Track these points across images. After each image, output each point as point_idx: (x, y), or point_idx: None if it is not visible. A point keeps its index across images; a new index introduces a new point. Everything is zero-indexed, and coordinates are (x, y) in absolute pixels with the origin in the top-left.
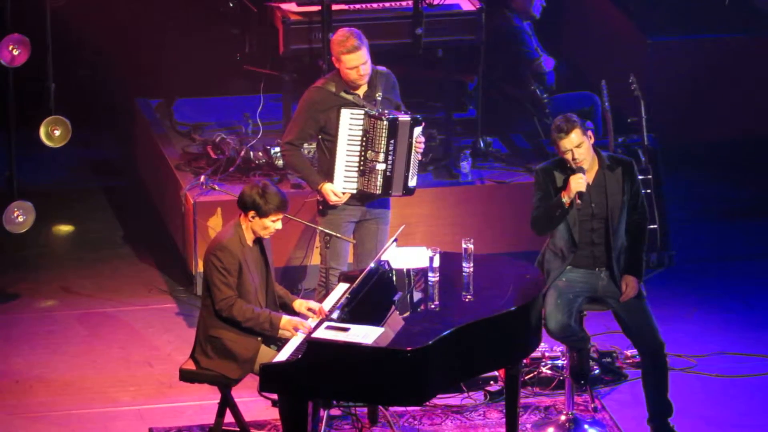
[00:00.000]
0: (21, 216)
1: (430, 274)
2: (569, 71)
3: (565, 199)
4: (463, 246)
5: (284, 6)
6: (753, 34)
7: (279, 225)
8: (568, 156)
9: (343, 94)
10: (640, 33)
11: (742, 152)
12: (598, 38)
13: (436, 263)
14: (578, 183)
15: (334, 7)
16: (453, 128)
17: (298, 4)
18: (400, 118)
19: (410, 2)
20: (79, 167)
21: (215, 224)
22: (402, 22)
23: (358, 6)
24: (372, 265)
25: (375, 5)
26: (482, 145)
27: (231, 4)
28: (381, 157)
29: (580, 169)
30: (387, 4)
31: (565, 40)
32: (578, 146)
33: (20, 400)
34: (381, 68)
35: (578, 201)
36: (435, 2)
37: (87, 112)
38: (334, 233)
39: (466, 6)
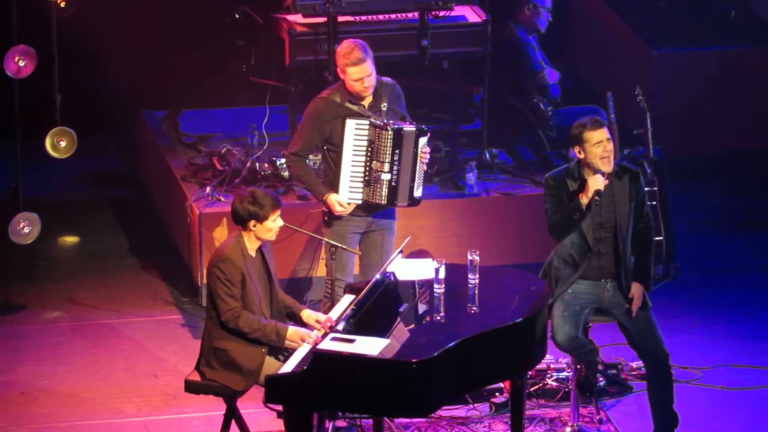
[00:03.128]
0: (27, 227)
1: (435, 286)
2: (575, 83)
3: (583, 200)
4: (469, 258)
5: (290, 17)
6: (759, 46)
7: (280, 222)
8: (599, 148)
9: (348, 104)
10: (646, 45)
11: (747, 164)
12: (604, 50)
13: (442, 275)
14: (596, 182)
15: (340, 18)
16: (459, 140)
17: (305, 16)
18: (405, 129)
19: (416, 14)
20: (84, 178)
21: (221, 235)
22: (408, 33)
23: (364, 18)
24: (377, 276)
25: (381, 17)
26: (488, 156)
27: (237, 16)
28: (386, 167)
29: (598, 172)
30: (393, 16)
31: (571, 53)
32: (608, 140)
33: (26, 411)
34: (386, 79)
35: (596, 198)
36: (441, 14)
37: (92, 123)
38: (340, 245)
39: (472, 18)
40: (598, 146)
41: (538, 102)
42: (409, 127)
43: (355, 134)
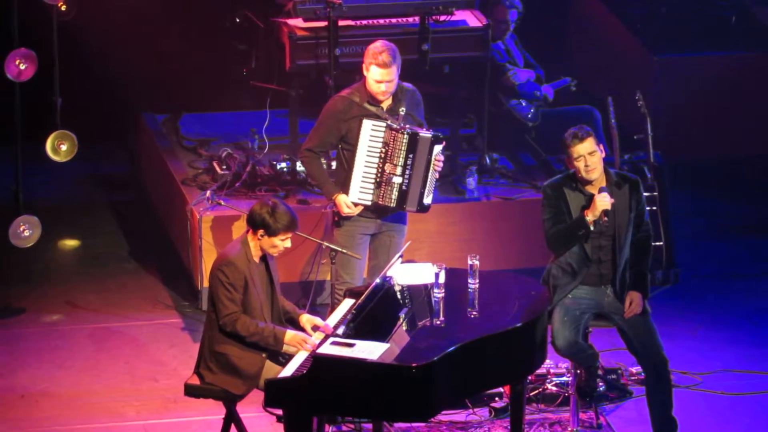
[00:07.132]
0: (27, 230)
1: (435, 290)
2: (575, 88)
3: (590, 218)
4: (469, 262)
5: (291, 22)
6: (759, 51)
7: (288, 243)
8: (580, 163)
9: (366, 105)
10: (647, 50)
11: (747, 169)
12: (605, 55)
13: (442, 279)
14: (603, 202)
15: (341, 22)
16: (459, 144)
17: (305, 20)
18: (420, 134)
19: (417, 18)
20: (85, 182)
21: (221, 239)
22: (409, 38)
23: (364, 22)
24: (377, 280)
25: (382, 21)
26: (488, 161)
27: (238, 20)
28: (398, 170)
29: (603, 189)
30: (394, 20)
31: (572, 57)
32: (591, 154)
33: (26, 414)
34: (407, 85)
35: (605, 219)
36: (441, 18)
37: (93, 126)
38: (339, 248)
39: (473, 22)
40: (580, 161)
41: (514, 106)
42: (425, 134)
43: (371, 135)
